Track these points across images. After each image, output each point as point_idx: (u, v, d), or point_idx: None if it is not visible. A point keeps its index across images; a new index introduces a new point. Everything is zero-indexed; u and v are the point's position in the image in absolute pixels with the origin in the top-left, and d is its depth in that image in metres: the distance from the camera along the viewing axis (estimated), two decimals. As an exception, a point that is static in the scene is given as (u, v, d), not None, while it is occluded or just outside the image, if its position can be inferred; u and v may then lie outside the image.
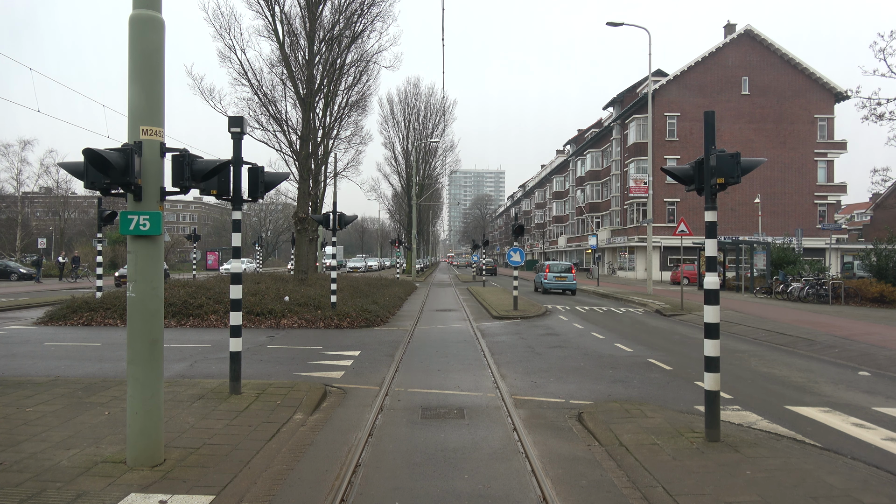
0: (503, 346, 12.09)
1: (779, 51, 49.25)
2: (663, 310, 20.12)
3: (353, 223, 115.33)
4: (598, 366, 9.98)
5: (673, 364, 10.06)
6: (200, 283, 17.32)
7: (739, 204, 48.74)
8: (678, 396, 7.80)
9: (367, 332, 14.25)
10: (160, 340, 5.17)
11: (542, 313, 18.73)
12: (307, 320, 14.88)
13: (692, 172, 6.02)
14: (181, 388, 7.62)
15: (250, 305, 15.14)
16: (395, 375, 8.92)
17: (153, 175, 5.07)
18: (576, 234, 72.06)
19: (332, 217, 15.60)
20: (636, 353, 11.41)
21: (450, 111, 56.34)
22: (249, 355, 10.49)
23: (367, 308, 16.14)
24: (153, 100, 5.11)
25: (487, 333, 14.16)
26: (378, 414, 6.74)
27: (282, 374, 8.89)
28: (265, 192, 7.59)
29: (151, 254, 5.09)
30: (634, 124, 50.98)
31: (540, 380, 8.77)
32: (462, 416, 6.69)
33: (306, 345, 11.99)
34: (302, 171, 20.47)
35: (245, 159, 7.35)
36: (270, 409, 6.76)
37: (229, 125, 7.29)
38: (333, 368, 9.38)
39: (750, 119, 49.24)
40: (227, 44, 19.83)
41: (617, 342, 12.78)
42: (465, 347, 11.95)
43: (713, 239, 5.87)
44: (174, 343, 11.78)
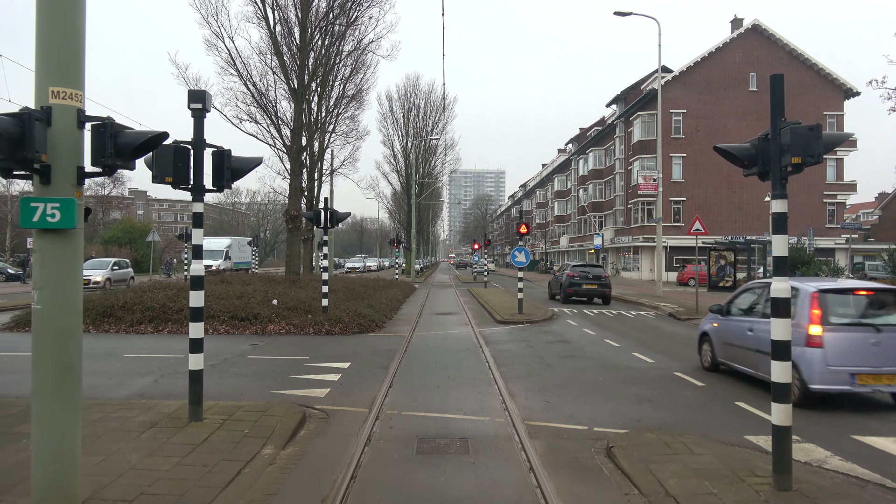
0: (510, 357, 10.91)
1: (787, 46, 48.12)
2: (677, 313, 18.94)
3: (353, 223, 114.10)
4: (619, 380, 8.80)
5: (703, 379, 8.88)
6: (182, 286, 16.14)
7: (746, 203, 47.55)
8: (721, 422, 6.62)
9: (361, 339, 13.07)
10: (76, 366, 4.00)
11: (549, 317, 17.55)
12: (295, 326, 13.71)
13: (754, 152, 4.85)
14: (133, 412, 6.44)
15: (234, 309, 13.97)
16: (389, 393, 7.75)
17: (67, 151, 3.90)
18: (578, 234, 70.86)
19: (324, 214, 14.43)
20: (659, 364, 10.23)
21: (450, 108, 55.25)
22: (225, 367, 9.32)
23: (361, 312, 14.96)
24: (69, 51, 3.94)
25: (491, 341, 12.99)
26: (365, 447, 5.56)
27: (257, 393, 7.71)
28: (233, 180, 6.42)
29: (64, 253, 3.91)
30: (639, 121, 49.80)
31: (555, 399, 7.59)
32: (466, 451, 5.51)
33: (291, 354, 10.81)
34: (294, 166, 19.30)
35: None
36: (235, 440, 5.59)
37: (189, 100, 6.11)
38: (318, 384, 8.20)
39: (758, 116, 47.94)
40: (215, 31, 18.68)
41: (634, 351, 11.60)
42: (468, 358, 10.77)
43: (783, 235, 4.70)
44: (144, 353, 10.60)
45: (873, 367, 7.07)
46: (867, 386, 7.13)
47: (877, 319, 7.38)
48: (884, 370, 7.05)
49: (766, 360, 5.74)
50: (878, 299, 7.68)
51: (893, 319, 7.36)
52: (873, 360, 7.09)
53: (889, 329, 7.19)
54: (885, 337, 7.13)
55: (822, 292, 7.47)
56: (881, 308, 7.59)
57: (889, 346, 7.11)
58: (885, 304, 7.63)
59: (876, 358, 7.08)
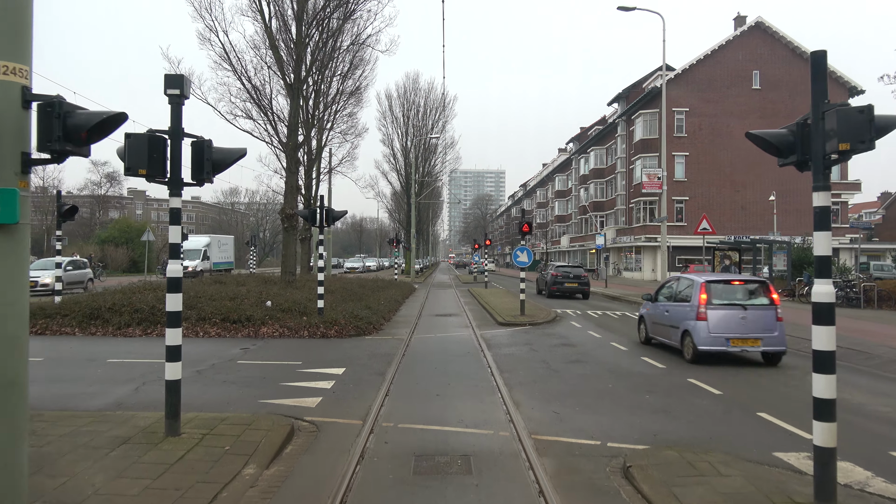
0: (513, 361, 10.39)
1: (790, 44, 47.60)
2: (683, 315, 18.40)
3: (352, 223, 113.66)
4: (631, 388, 8.28)
5: (721, 386, 8.35)
6: (190, 285, 15.59)
7: (749, 202, 47.07)
8: (745, 436, 6.10)
9: (357, 342, 12.55)
10: (21, 381, 3.46)
11: (552, 319, 17.03)
12: (290, 329, 13.18)
13: (792, 138, 4.33)
14: (105, 426, 5.91)
15: (226, 311, 13.45)
16: (385, 402, 7.23)
17: (9, 134, 3.38)
18: (579, 233, 70.35)
19: (320, 212, 13.91)
20: (670, 370, 9.71)
21: (450, 107, 54.73)
22: (212, 374, 8.80)
23: (358, 314, 14.44)
24: (12, 19, 3.42)
25: (493, 344, 12.47)
26: (356, 466, 5.04)
27: (243, 402, 7.19)
28: (214, 173, 5.91)
29: (5, 252, 3.39)
30: (641, 120, 49.29)
31: (563, 409, 7.07)
32: (468, 470, 4.99)
33: (283, 359, 10.28)
34: (290, 163, 18.77)
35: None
36: (213, 459, 5.07)
37: (165, 86, 5.60)
38: (309, 393, 7.68)
39: (761, 114, 47.46)
40: (208, 24, 18.18)
41: (644, 355, 11.08)
42: (469, 363, 10.25)
43: (825, 232, 4.17)
44: (128, 358, 10.08)
45: (741, 334, 10.01)
46: (737, 347, 10.06)
47: (745, 301, 10.35)
48: (748, 336, 10.01)
49: (676, 332, 10.77)
50: (746, 288, 10.68)
51: (756, 301, 10.35)
52: (742, 328, 10.03)
53: (752, 308, 10.20)
54: (750, 313, 10.11)
55: (708, 282, 10.50)
56: (748, 293, 10.54)
57: (752, 319, 10.07)
58: (751, 290, 10.60)
59: (743, 327, 10.04)
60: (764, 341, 10.02)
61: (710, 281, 10.51)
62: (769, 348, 10.11)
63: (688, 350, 10.44)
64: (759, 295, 10.49)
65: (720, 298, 10.35)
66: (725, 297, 10.39)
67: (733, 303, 10.29)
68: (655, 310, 12.16)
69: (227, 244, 43.70)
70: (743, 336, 10.00)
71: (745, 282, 10.95)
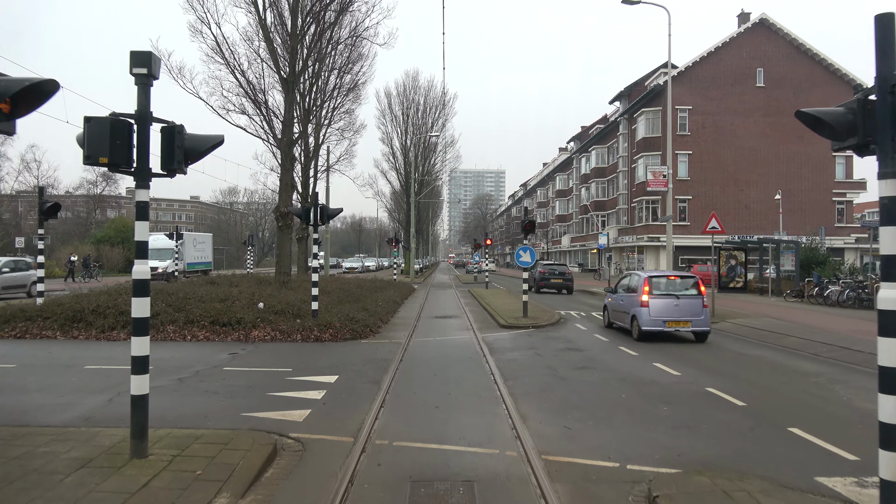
0: (517, 367, 9.78)
1: (795, 41, 46.97)
2: (692, 317, 17.81)
3: (352, 223, 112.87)
4: (645, 398, 7.66)
5: (743, 396, 7.73)
6: (161, 288, 15.00)
7: (753, 202, 46.46)
8: (779, 456, 5.48)
9: (353, 346, 11.93)
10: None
11: (556, 321, 16.41)
12: (282, 332, 12.56)
13: (851, 117, 3.72)
14: (66, 445, 5.29)
15: (215, 314, 12.83)
16: (379, 415, 6.61)
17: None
18: (580, 233, 69.74)
19: (314, 210, 13.29)
20: (686, 377, 9.09)
21: (450, 105, 54.16)
22: (194, 382, 8.18)
23: (353, 316, 13.82)
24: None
25: (496, 348, 11.85)
26: (344, 495, 4.42)
27: (224, 415, 6.57)
28: (187, 162, 5.29)
29: None
30: (644, 118, 48.69)
31: (575, 423, 6.45)
32: (472, 501, 4.37)
33: (273, 365, 9.67)
34: (285, 160, 18.15)
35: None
36: (182, 486, 4.45)
37: (131, 64, 4.99)
38: (297, 404, 7.06)
39: (765, 112, 46.91)
40: (200, 16, 17.54)
41: (655, 361, 10.46)
42: (471, 369, 9.64)
43: (894, 227, 3.55)
44: (108, 364, 9.45)
45: (675, 318, 12.68)
46: (672, 327, 12.75)
47: (678, 292, 12.89)
48: (681, 319, 12.67)
49: (627, 316, 13.38)
50: (679, 282, 13.30)
51: (687, 292, 12.86)
52: (675, 313, 12.68)
53: (684, 297, 12.78)
54: (681, 301, 12.74)
55: (650, 277, 13.20)
56: (681, 286, 13.11)
57: (684, 306, 12.70)
58: (683, 284, 13.20)
59: (677, 312, 12.68)
60: (692, 323, 12.77)
61: (651, 276, 13.27)
62: (696, 328, 12.88)
63: (635, 330, 13.11)
64: (690, 287, 13.10)
65: (659, 290, 13.03)
66: (663, 289, 13.08)
67: (669, 293, 12.92)
68: (615, 300, 14.91)
69: (203, 243, 39.70)
70: (676, 319, 12.72)
71: (680, 277, 13.60)
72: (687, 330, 12.86)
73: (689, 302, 12.74)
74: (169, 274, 30.80)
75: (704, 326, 12.84)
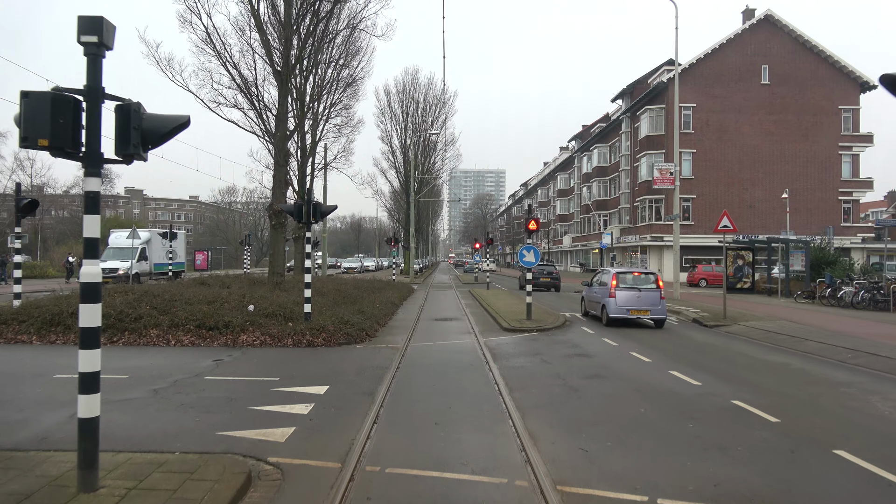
0: (523, 376, 9.05)
1: (800, 37, 46.27)
2: (702, 319, 17.09)
3: (351, 222, 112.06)
4: (667, 413, 6.94)
5: (774, 410, 7.00)
6: (147, 289, 14.27)
7: (758, 200, 45.79)
8: (832, 486, 4.75)
9: (347, 351, 11.21)
10: None
11: (562, 324, 15.67)
12: (272, 336, 11.83)
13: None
14: (7, 474, 4.57)
15: (202, 317, 12.11)
16: (372, 434, 5.89)
17: None
18: (581, 233, 69.04)
19: (306, 207, 12.57)
20: (707, 388, 8.36)
21: (450, 103, 53.46)
22: (170, 394, 7.45)
23: (349, 320, 13.09)
24: None
25: (499, 354, 11.13)
26: (326, 540, 3.70)
27: (197, 435, 5.84)
28: (147, 147, 4.57)
29: None
30: (647, 116, 47.98)
31: (592, 444, 5.72)
32: (478, 548, 3.64)
33: (259, 374, 8.93)
34: (278, 155, 17.42)
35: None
36: (132, 530, 3.72)
37: (79, 32, 4.26)
38: (281, 421, 6.33)
39: (770, 110, 46.23)
40: (189, 5, 16.82)
41: (671, 368, 9.74)
42: (473, 378, 8.92)
43: None
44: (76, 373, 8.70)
45: (637, 307, 15.00)
46: (634, 315, 14.99)
47: (640, 286, 15.32)
48: (641, 308, 14.99)
49: (598, 305, 16.03)
50: (641, 277, 15.67)
51: (647, 286, 15.25)
52: (637, 303, 15.03)
53: (645, 290, 15.17)
54: (642, 293, 15.12)
55: (617, 273, 15.72)
56: (642, 281, 15.49)
57: (644, 297, 15.07)
58: (645, 279, 15.55)
59: (638, 303, 15.03)
60: (651, 312, 15.15)
61: (618, 272, 15.81)
62: (654, 316, 15.25)
63: (604, 317, 15.54)
64: (650, 282, 15.57)
65: (625, 284, 15.48)
66: (628, 283, 15.51)
67: (633, 287, 15.37)
68: (589, 292, 17.56)
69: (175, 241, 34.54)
70: (638, 308, 15.08)
71: (642, 273, 16.01)
72: (647, 317, 15.24)
73: (649, 294, 15.23)
74: (130, 276, 27.11)
75: (661, 315, 15.27)
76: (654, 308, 15.09)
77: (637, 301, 15.03)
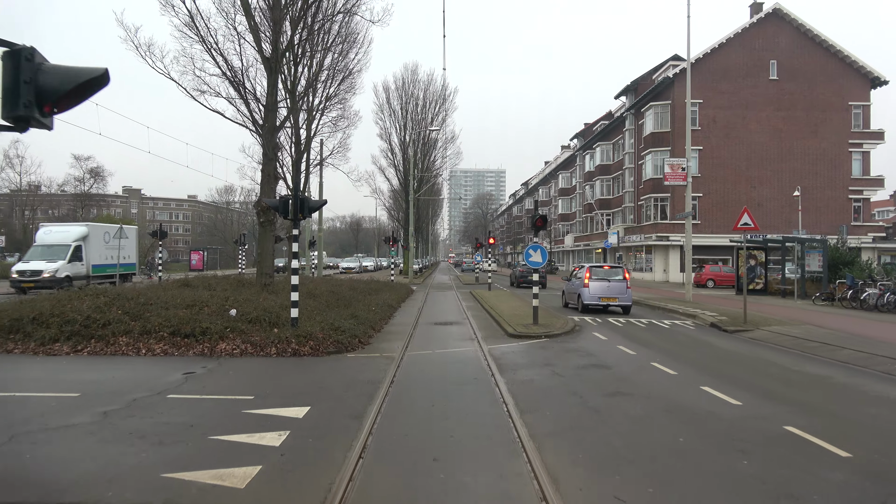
0: (534, 393, 7.92)
1: (810, 32, 45.10)
2: (720, 323, 15.95)
3: (351, 222, 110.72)
4: (711, 443, 5.80)
5: (839, 440, 5.85)
6: (120, 292, 13.11)
7: (766, 199, 44.58)
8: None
9: (335, 362, 10.07)
10: None
11: (571, 329, 14.54)
12: (254, 344, 10.70)
13: None
14: None
15: (177, 323, 10.98)
16: (356, 475, 4.76)
17: None
18: (584, 232, 67.90)
19: (293, 201, 11.43)
20: (750, 408, 7.22)
21: (450, 99, 52.09)
22: (122, 418, 6.30)
23: (340, 326, 11.96)
24: None
25: (506, 364, 9.99)
26: None
27: (136, 479, 4.69)
28: (49, 106, 3.43)
29: None
30: (652, 112, 46.81)
31: (629, 491, 4.58)
32: None
33: (232, 391, 7.80)
34: (267, 147, 16.28)
35: None
36: None
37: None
38: (245, 456, 5.19)
39: (778, 106, 45.08)
40: (170, -12, 15.65)
41: (701, 383, 8.60)
42: (477, 395, 7.78)
43: None
44: (26, 390, 7.59)
45: (607, 295, 17.98)
46: (605, 302, 17.95)
47: (609, 277, 18.48)
48: (611, 296, 17.91)
49: (575, 296, 19.47)
50: (611, 270, 18.85)
51: (616, 278, 18.38)
52: (607, 292, 18.02)
53: (613, 281, 18.25)
54: (611, 283, 18.12)
55: (591, 267, 19.14)
56: (612, 273, 18.61)
57: (613, 287, 18.10)
58: (614, 272, 18.68)
59: (608, 292, 18.00)
60: (619, 299, 18.08)
61: (591, 266, 18.97)
62: (622, 303, 18.15)
63: (580, 305, 18.29)
64: (618, 274, 18.66)
65: (596, 276, 18.51)
66: (599, 276, 18.57)
67: (603, 279, 18.42)
68: (569, 285, 20.71)
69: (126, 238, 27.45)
70: (608, 296, 18.01)
71: (611, 267, 19.36)
72: (615, 304, 18.25)
73: (617, 285, 18.39)
74: (59, 280, 22.92)
75: (627, 301, 18.39)
76: (621, 296, 18.22)
77: (607, 290, 18.16)
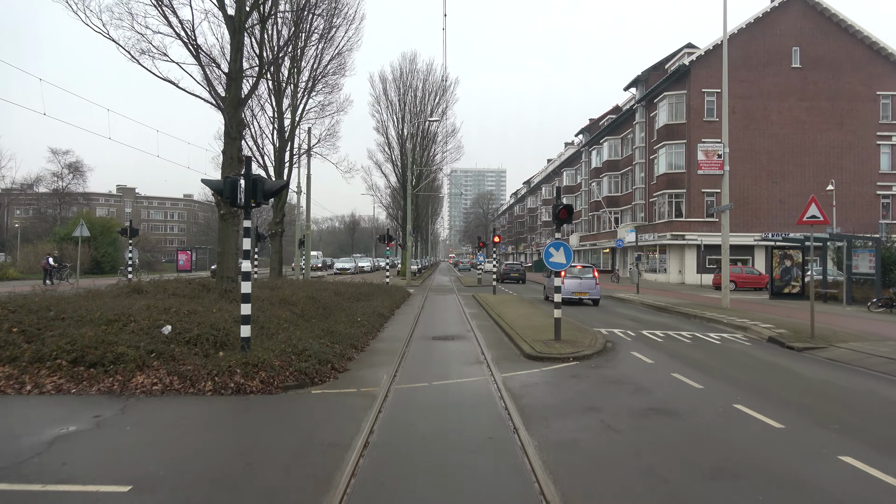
0: (586, 471, 5.03)
1: (835, 16, 42.22)
2: (781, 338, 13.04)
3: (351, 221, 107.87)
4: None
5: None
6: (22, 302, 10.13)
7: (788, 195, 41.65)
8: None
9: (291, 405, 7.18)
10: None
11: (603, 348, 11.62)
12: (183, 377, 7.80)
13: None
14: None
15: (83, 346, 8.08)
16: None
17: None
18: (590, 231, 64.96)
19: (244, 183, 8.57)
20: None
21: (451, 90, 49.26)
22: None
23: (306, 348, 9.05)
24: None
25: (531, 409, 7.08)
26: None
27: None
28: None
29: None
30: (665, 103, 43.91)
31: None
32: None
33: (105, 475, 4.88)
34: (230, 125, 13.42)
35: None
36: None
37: None
38: None
39: (801, 96, 42.19)
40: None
41: (826, 443, 5.72)
42: (494, 479, 4.88)
43: None
44: None
45: (579, 291, 22.51)
46: (577, 296, 22.38)
47: (581, 275, 23.14)
48: (583, 291, 22.54)
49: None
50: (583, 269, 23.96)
51: (586, 276, 23.29)
52: (579, 288, 22.58)
53: (585, 278, 22.99)
54: (583, 281, 22.84)
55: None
56: (584, 272, 23.59)
57: (584, 283, 22.72)
58: (585, 271, 23.82)
59: (580, 287, 22.59)
60: (589, 294, 22.38)
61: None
62: (592, 297, 22.45)
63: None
64: (588, 273, 23.25)
65: (571, 274, 22.36)
66: (574, 274, 22.69)
67: (576, 276, 22.68)
68: (549, 281, 22.91)
69: None
70: (580, 291, 22.22)
71: (583, 266, 24.24)
72: (586, 298, 22.26)
73: (588, 282, 22.51)
74: None
75: (596, 296, 22.50)
76: (591, 291, 22.37)
77: (579, 286, 22.27)
